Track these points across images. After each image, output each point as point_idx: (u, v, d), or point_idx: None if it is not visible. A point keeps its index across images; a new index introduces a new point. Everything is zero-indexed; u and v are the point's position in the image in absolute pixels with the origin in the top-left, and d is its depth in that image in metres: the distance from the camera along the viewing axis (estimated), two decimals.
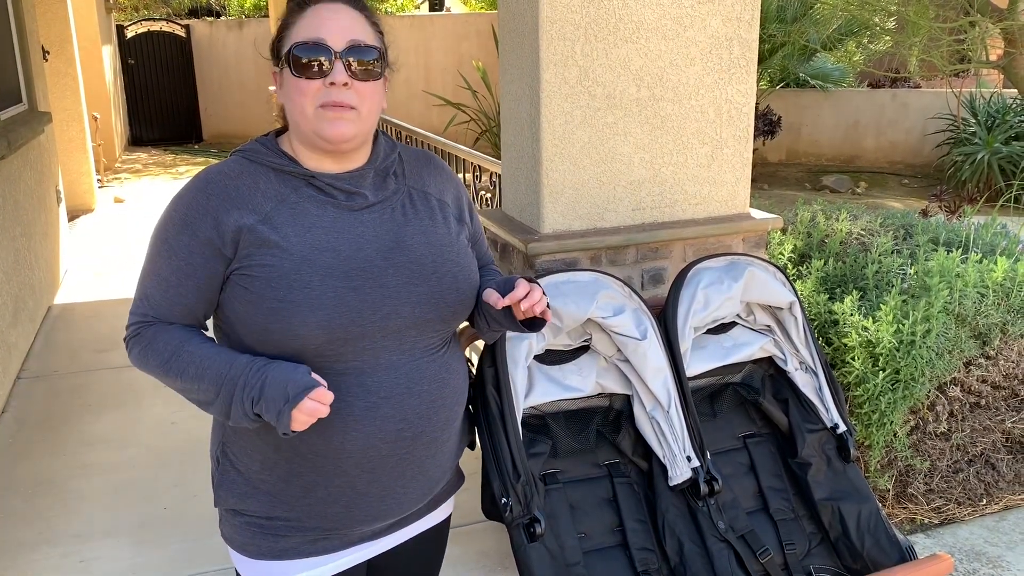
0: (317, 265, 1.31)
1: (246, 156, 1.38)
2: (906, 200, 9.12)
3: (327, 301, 1.29)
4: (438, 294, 1.39)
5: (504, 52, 2.62)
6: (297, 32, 1.32)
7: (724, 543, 1.81)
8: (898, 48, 8.58)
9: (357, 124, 1.33)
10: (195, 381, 1.32)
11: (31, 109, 5.19)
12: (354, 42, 1.31)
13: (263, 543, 1.43)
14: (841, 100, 10.97)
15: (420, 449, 1.41)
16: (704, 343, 2.01)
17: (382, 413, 1.36)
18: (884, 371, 2.86)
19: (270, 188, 1.35)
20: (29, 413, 3.75)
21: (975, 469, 3.19)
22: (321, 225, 1.34)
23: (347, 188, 1.37)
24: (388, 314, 1.34)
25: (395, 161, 1.45)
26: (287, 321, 1.29)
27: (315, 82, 1.31)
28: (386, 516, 1.44)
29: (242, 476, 1.43)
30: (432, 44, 12.65)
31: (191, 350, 1.34)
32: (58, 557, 2.73)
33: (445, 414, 1.44)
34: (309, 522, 1.41)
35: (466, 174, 4.08)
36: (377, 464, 1.38)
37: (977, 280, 3.08)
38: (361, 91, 1.32)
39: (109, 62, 10.47)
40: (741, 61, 2.55)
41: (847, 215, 3.98)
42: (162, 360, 1.35)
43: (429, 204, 1.46)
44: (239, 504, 1.44)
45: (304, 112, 1.32)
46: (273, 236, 1.31)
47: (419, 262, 1.38)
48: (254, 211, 1.32)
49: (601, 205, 2.51)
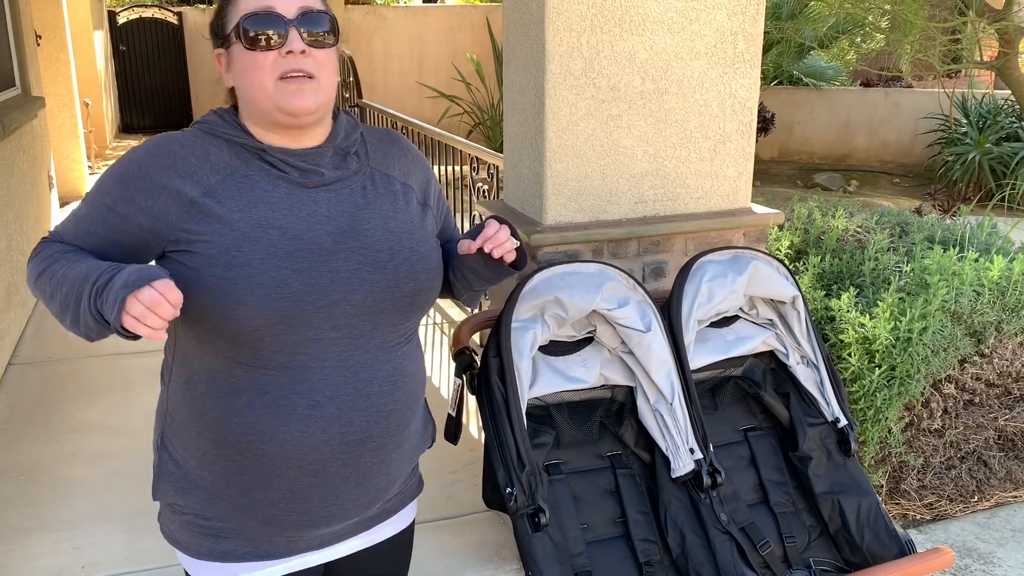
0: (259, 242, 1.23)
1: (201, 128, 1.31)
2: (897, 199, 9.16)
3: (267, 281, 1.21)
4: (394, 283, 1.31)
5: (508, 42, 2.61)
6: (244, 4, 1.25)
7: (726, 535, 1.82)
8: (892, 47, 8.61)
9: (319, 94, 1.26)
10: (58, 286, 1.21)
11: (24, 93, 5.14)
12: (306, 8, 1.25)
13: (204, 542, 1.35)
14: (834, 98, 11.00)
15: (366, 455, 1.33)
16: (707, 336, 2.02)
17: (326, 413, 1.27)
18: (880, 367, 2.88)
19: (220, 160, 1.28)
20: (21, 399, 3.72)
21: (968, 466, 3.22)
22: (269, 201, 1.26)
23: (301, 165, 1.29)
24: (336, 301, 1.26)
25: (357, 140, 1.37)
26: (224, 300, 1.20)
27: (271, 53, 1.23)
28: (329, 522, 1.36)
29: (181, 470, 1.36)
30: (426, 36, 12.61)
31: (70, 257, 1.25)
32: (51, 543, 2.71)
33: (396, 419, 1.35)
34: (249, 524, 1.34)
35: (464, 166, 4.06)
36: (319, 467, 1.30)
37: (974, 278, 3.10)
38: (319, 59, 1.26)
39: (101, 48, 10.39)
40: (746, 55, 2.55)
41: (843, 212, 4.00)
42: (41, 267, 1.26)
43: (392, 187, 1.38)
44: (177, 499, 1.36)
45: (263, 87, 1.24)
46: (216, 209, 1.24)
47: (374, 248, 1.30)
48: (198, 183, 1.25)
49: (604, 197, 2.51)
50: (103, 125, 10.13)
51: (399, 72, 12.47)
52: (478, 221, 3.85)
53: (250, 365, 1.26)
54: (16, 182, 4.61)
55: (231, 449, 1.29)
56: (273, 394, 1.26)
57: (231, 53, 1.28)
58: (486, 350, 1.75)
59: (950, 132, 9.77)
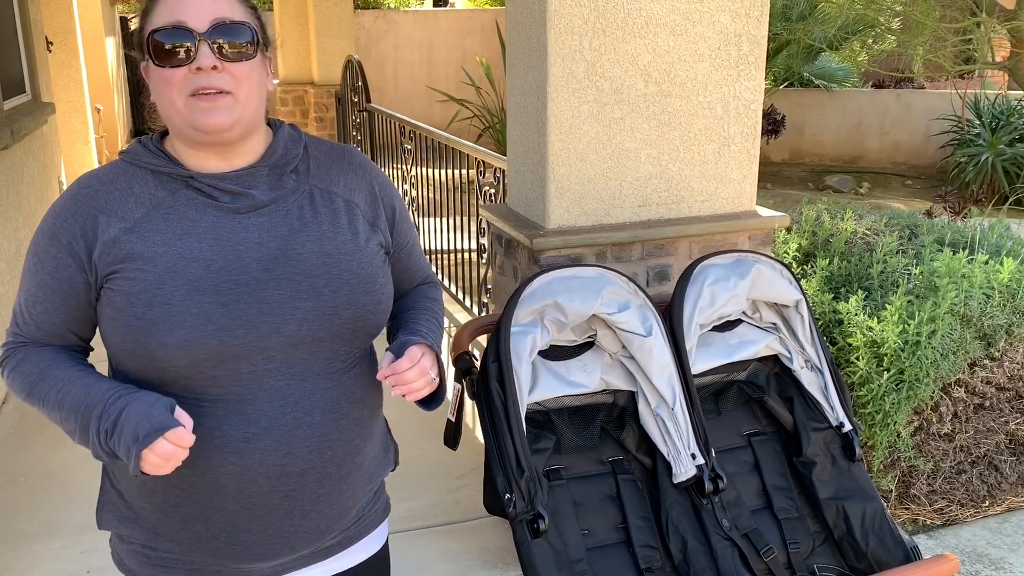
0: (183, 277, 1.17)
1: (125, 158, 1.25)
2: (910, 201, 9.10)
3: (190, 319, 1.15)
4: (331, 310, 1.23)
5: (511, 46, 2.60)
6: (155, 17, 1.18)
7: (728, 541, 1.80)
8: (903, 48, 8.56)
9: (235, 110, 1.18)
10: (56, 409, 1.20)
11: (34, 99, 5.18)
12: (219, 20, 1.17)
13: (152, 572, 1.31)
14: (845, 100, 10.95)
15: (311, 485, 1.26)
16: (709, 340, 2.00)
17: (262, 445, 1.21)
18: (888, 371, 2.85)
19: (145, 192, 1.21)
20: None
21: (978, 470, 3.18)
22: (196, 232, 1.19)
23: (232, 189, 1.21)
24: (267, 333, 1.19)
25: (297, 156, 1.28)
26: (144, 341, 1.16)
27: (180, 70, 1.16)
28: (276, 555, 1.29)
29: (123, 500, 1.32)
30: (436, 39, 12.63)
31: (56, 374, 1.22)
32: (58, 548, 2.73)
33: (343, 447, 1.28)
34: (193, 556, 1.29)
35: (471, 169, 4.06)
36: (258, 500, 1.24)
37: (983, 281, 3.07)
38: (235, 73, 1.18)
39: (112, 54, 10.46)
40: (750, 57, 2.54)
41: (852, 214, 3.97)
42: (27, 384, 1.24)
43: (333, 206, 1.28)
44: (121, 528, 1.32)
45: (174, 104, 1.18)
46: (139, 247, 1.18)
47: (308, 273, 1.22)
48: (122, 219, 1.19)
49: (607, 201, 2.50)
50: (115, 130, 10.19)
51: (409, 76, 12.50)
52: (484, 226, 3.85)
53: (182, 398, 1.21)
54: (26, 187, 4.64)
55: (167, 482, 1.25)
56: (207, 427, 1.21)
57: (148, 68, 1.22)
58: (485, 355, 1.74)
59: (963, 133, 9.70)
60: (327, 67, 8.73)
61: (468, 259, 4.25)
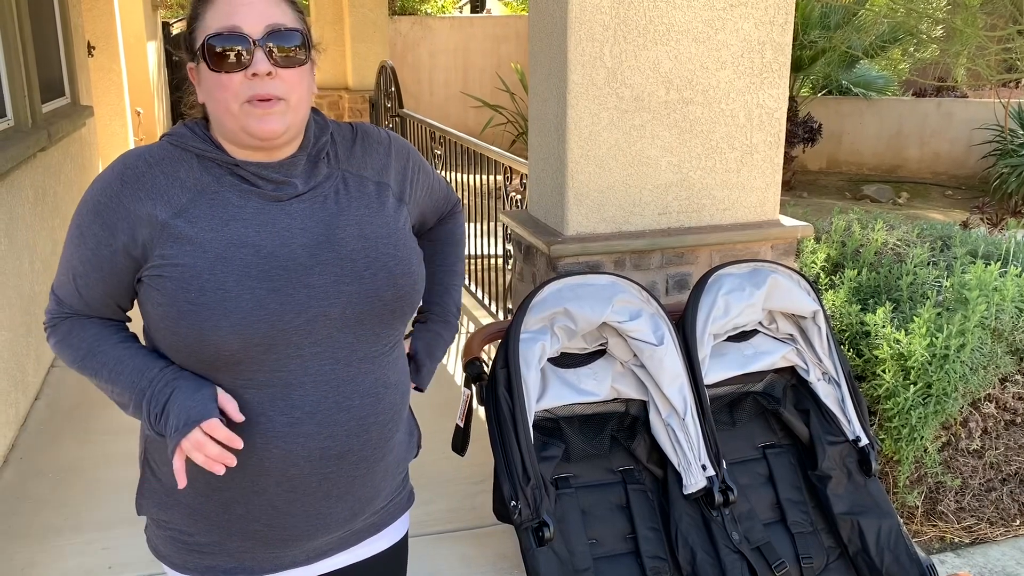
0: (233, 263, 1.19)
1: (171, 141, 1.26)
2: (949, 212, 8.93)
3: (243, 304, 1.18)
4: (373, 292, 1.27)
5: (533, 52, 2.60)
6: (209, 22, 1.20)
7: (737, 554, 1.78)
8: (943, 56, 8.41)
9: (287, 116, 1.21)
10: (109, 384, 1.26)
11: (73, 103, 5.29)
12: (273, 26, 1.18)
13: (187, 557, 1.34)
14: (884, 109, 10.78)
15: (347, 468, 1.30)
16: (724, 350, 1.98)
17: (305, 430, 1.24)
18: (915, 385, 2.79)
19: (190, 177, 1.23)
20: (60, 401, 3.81)
21: (1009, 488, 3.10)
22: (242, 217, 1.22)
23: (275, 178, 1.24)
24: (314, 317, 1.22)
25: (327, 143, 1.32)
26: (198, 326, 1.18)
27: (236, 75, 1.18)
28: (312, 537, 1.33)
29: (163, 485, 1.34)
30: (471, 45, 12.68)
31: (105, 350, 1.27)
32: (82, 543, 2.77)
33: (378, 432, 1.32)
34: (231, 540, 1.32)
35: (497, 175, 4.07)
36: (298, 483, 1.27)
37: (1016, 294, 3.00)
38: (288, 79, 1.20)
39: (154, 58, 10.65)
40: (774, 65, 2.51)
41: (883, 225, 3.90)
42: (77, 357, 1.29)
43: (365, 189, 1.32)
44: (160, 514, 1.35)
45: (229, 109, 1.20)
46: (188, 231, 1.20)
47: (350, 258, 1.26)
48: (168, 203, 1.21)
49: (627, 208, 2.48)
50: (155, 133, 10.37)
51: (444, 82, 12.56)
52: (509, 232, 3.85)
53: (229, 384, 1.23)
54: (63, 189, 4.73)
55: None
56: (253, 412, 1.23)
57: (200, 71, 1.23)
58: (494, 361, 1.74)
59: (1005, 143, 9.50)
60: (362, 72, 8.79)
61: (495, 264, 4.25)
